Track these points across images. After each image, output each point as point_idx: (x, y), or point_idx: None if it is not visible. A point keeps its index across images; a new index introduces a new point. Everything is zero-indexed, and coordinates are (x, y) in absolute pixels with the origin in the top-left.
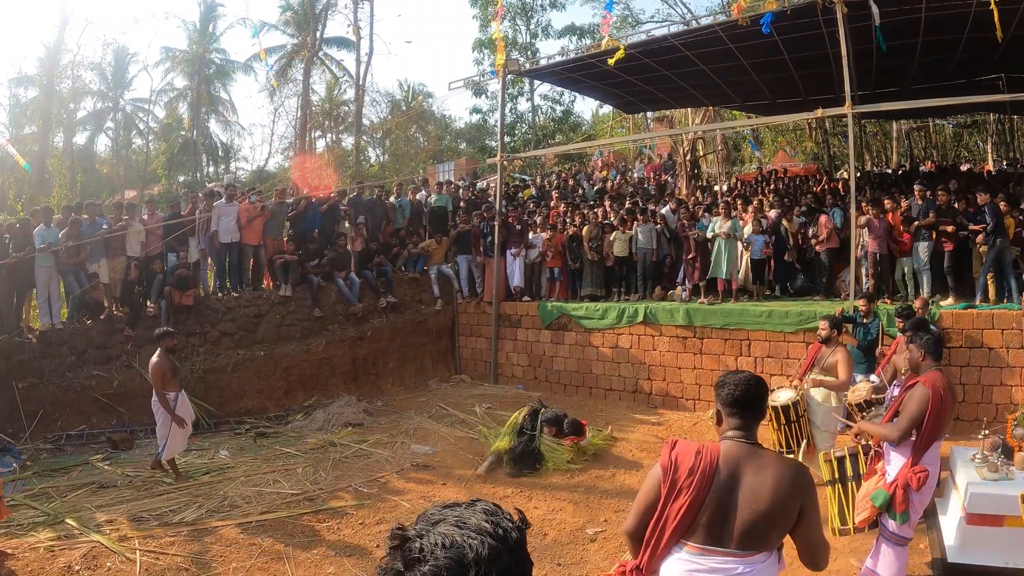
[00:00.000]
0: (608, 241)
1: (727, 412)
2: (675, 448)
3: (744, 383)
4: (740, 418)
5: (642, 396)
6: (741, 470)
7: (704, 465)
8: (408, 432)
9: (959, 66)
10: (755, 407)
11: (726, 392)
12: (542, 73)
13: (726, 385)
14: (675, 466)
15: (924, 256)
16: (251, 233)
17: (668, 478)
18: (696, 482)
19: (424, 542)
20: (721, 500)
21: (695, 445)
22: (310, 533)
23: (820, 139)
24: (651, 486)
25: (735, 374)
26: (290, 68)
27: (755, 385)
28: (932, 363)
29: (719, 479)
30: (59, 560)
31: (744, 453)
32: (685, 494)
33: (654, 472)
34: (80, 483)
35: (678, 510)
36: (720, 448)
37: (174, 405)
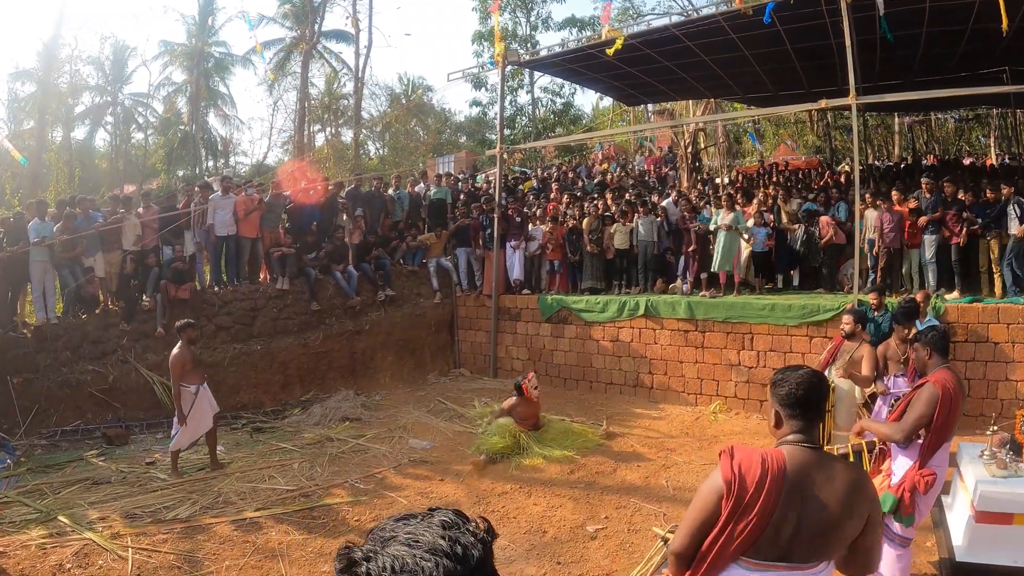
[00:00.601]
0: (608, 233)
1: (788, 414)
2: (736, 457)
3: (807, 380)
4: (803, 419)
5: (643, 390)
6: (810, 480)
7: (772, 477)
8: (406, 427)
9: (963, 59)
10: (819, 407)
11: (786, 391)
12: (542, 64)
13: (785, 383)
14: (739, 479)
15: (931, 250)
16: (248, 226)
17: (732, 493)
18: (765, 497)
19: (372, 566)
20: (789, 513)
21: (757, 453)
22: (305, 530)
23: (822, 132)
24: (710, 502)
25: (794, 370)
26: (289, 61)
27: (818, 383)
28: (940, 360)
29: (787, 491)
30: (51, 558)
31: (811, 461)
32: (752, 511)
33: (713, 486)
34: (74, 479)
35: (744, 528)
36: (785, 455)
37: (195, 398)
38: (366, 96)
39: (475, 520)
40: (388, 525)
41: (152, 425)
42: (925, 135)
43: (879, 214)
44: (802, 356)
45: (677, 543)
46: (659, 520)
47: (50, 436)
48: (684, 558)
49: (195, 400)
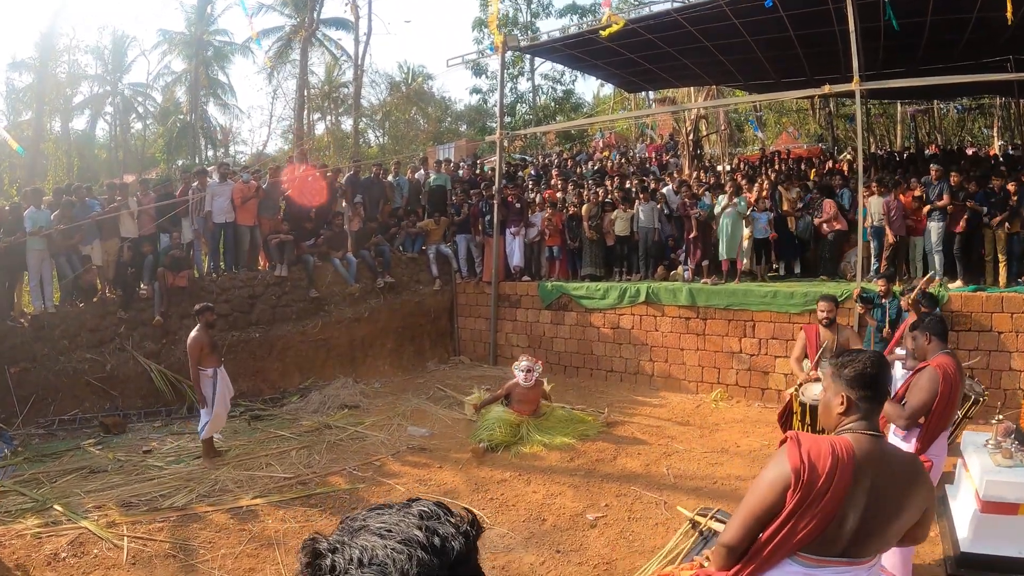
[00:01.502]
0: (609, 220)
1: (859, 396)
2: (804, 445)
3: (877, 360)
4: (872, 402)
5: (644, 378)
6: (875, 471)
7: (843, 466)
8: (405, 414)
9: (967, 47)
10: (886, 389)
11: (853, 371)
12: (542, 50)
13: (855, 362)
14: (809, 468)
15: (936, 237)
16: (245, 213)
17: (801, 483)
18: (835, 487)
19: (338, 557)
20: (854, 507)
21: (824, 441)
22: (302, 518)
23: (824, 121)
24: (775, 493)
25: (858, 352)
26: (288, 50)
27: (886, 364)
28: (940, 346)
29: (856, 481)
30: (46, 547)
31: (876, 450)
32: (821, 502)
33: (779, 474)
34: (71, 468)
35: (809, 522)
36: (852, 444)
37: (214, 380)
38: (366, 84)
39: (459, 512)
40: (361, 515)
41: (149, 414)
42: (928, 125)
43: (884, 201)
44: None
45: (730, 535)
46: (660, 508)
47: (47, 425)
48: (736, 552)
49: (214, 383)
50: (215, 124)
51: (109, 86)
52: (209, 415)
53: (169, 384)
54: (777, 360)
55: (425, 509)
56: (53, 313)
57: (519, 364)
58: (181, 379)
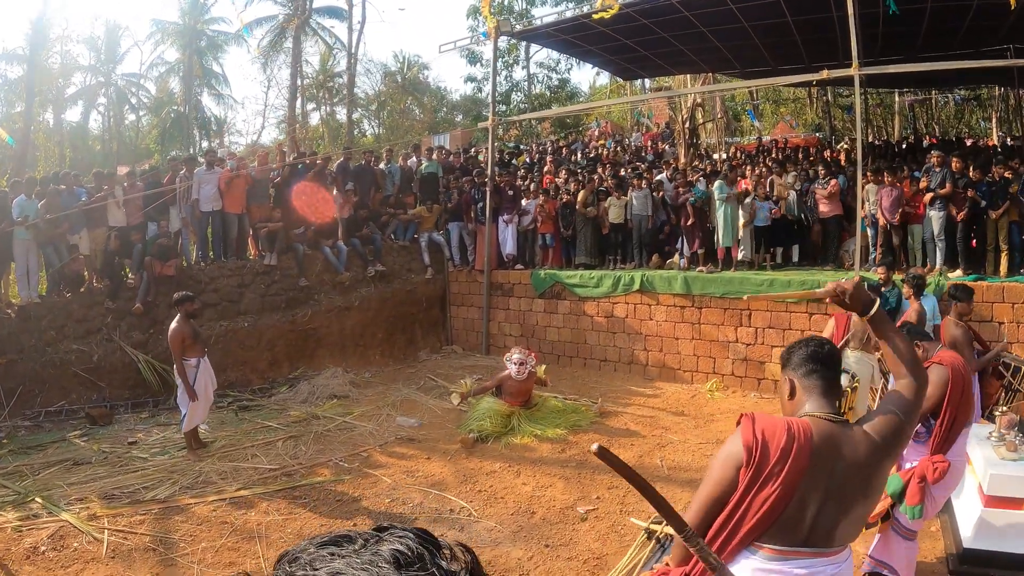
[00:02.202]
0: (603, 207)
1: (807, 372)
2: (757, 423)
3: (819, 341)
4: (823, 379)
5: (638, 367)
6: (837, 454)
7: (799, 445)
8: (394, 404)
9: (968, 34)
10: (837, 372)
11: (800, 353)
12: (536, 35)
13: (798, 346)
14: (762, 446)
15: (937, 226)
16: (234, 201)
17: (753, 461)
18: (790, 467)
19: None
20: (813, 491)
21: (781, 420)
22: (285, 511)
23: (822, 110)
24: (728, 472)
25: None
26: (282, 39)
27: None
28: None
29: (812, 464)
30: (26, 540)
31: (837, 433)
32: (774, 483)
33: (731, 453)
34: (55, 460)
35: (762, 503)
36: (810, 426)
37: (196, 371)
38: (360, 73)
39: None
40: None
41: (136, 405)
42: (926, 116)
43: (881, 189)
44: (801, 333)
45: (689, 518)
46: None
47: (34, 417)
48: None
49: (196, 374)
50: (209, 114)
51: (102, 77)
52: (187, 407)
53: (156, 374)
54: (773, 350)
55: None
56: (40, 303)
57: (511, 356)
58: (168, 369)
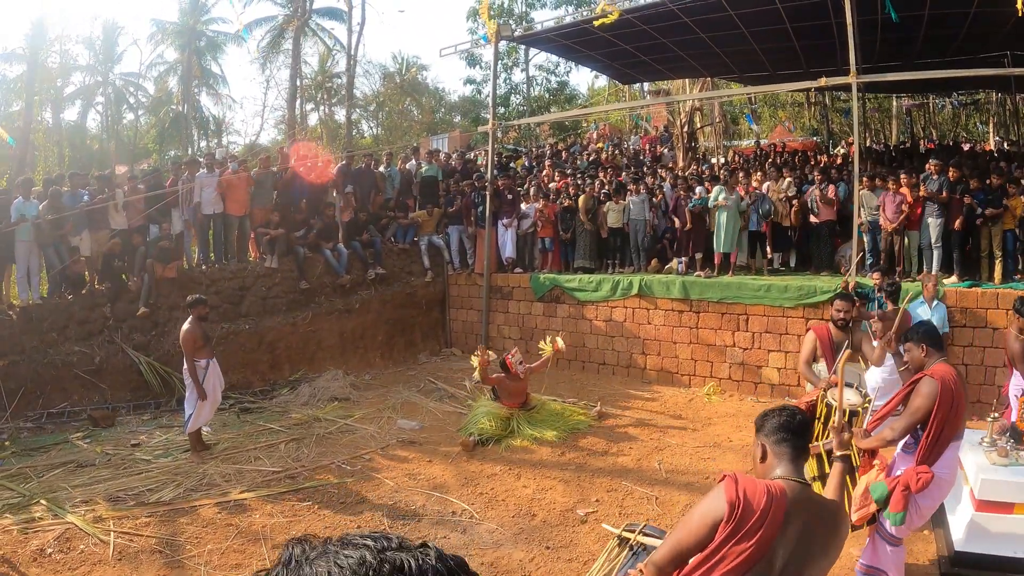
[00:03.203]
0: (602, 212)
1: (777, 440)
2: (740, 482)
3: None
4: (793, 449)
5: (636, 371)
6: (805, 515)
7: (776, 508)
8: (395, 407)
9: (965, 41)
10: (806, 440)
11: (773, 422)
12: (535, 40)
13: (771, 416)
14: (743, 504)
15: (934, 233)
16: (235, 203)
17: (735, 517)
18: (768, 525)
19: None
20: (783, 546)
21: (761, 483)
22: (290, 513)
23: (819, 115)
24: (705, 526)
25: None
26: (281, 39)
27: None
28: (937, 355)
29: (787, 523)
30: (32, 543)
31: (805, 497)
32: (751, 538)
33: (712, 508)
34: (58, 462)
35: (738, 555)
36: (784, 488)
37: (204, 373)
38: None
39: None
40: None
41: (139, 407)
42: (923, 120)
43: (881, 195)
44: (797, 338)
45: (660, 555)
46: (651, 504)
47: (36, 419)
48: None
49: (206, 375)
50: (208, 114)
51: (100, 76)
52: (193, 408)
53: (158, 377)
54: (771, 354)
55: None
56: (41, 305)
57: (515, 357)
58: (170, 371)
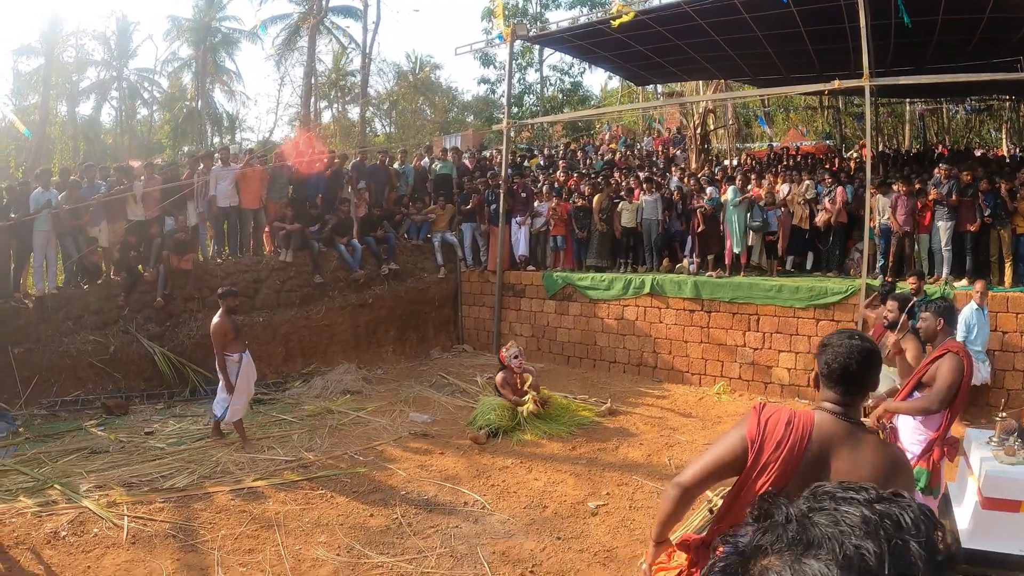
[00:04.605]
0: (616, 212)
1: (823, 382)
2: (763, 413)
3: (845, 355)
4: (839, 392)
5: (647, 370)
6: (835, 450)
7: (795, 440)
8: (407, 400)
9: (979, 46)
10: (859, 382)
11: (824, 359)
12: (550, 40)
13: (827, 348)
14: (763, 436)
15: (944, 236)
16: (250, 196)
17: (755, 448)
18: (783, 458)
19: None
20: (805, 482)
21: (786, 413)
22: (303, 501)
23: (832, 118)
24: (732, 448)
25: (841, 336)
26: (296, 37)
27: (863, 356)
28: (948, 332)
29: (808, 457)
30: (46, 526)
31: (842, 433)
32: (770, 470)
33: (738, 435)
34: (72, 449)
35: (758, 487)
36: (815, 420)
37: (238, 366)
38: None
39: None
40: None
41: (152, 396)
42: (936, 125)
43: (893, 197)
44: (808, 339)
45: (686, 476)
46: None
47: (50, 406)
48: (690, 496)
49: (239, 369)
50: (221, 111)
51: (115, 71)
52: (224, 399)
53: (172, 367)
54: (781, 354)
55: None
56: (57, 294)
57: (509, 351)
58: (184, 362)
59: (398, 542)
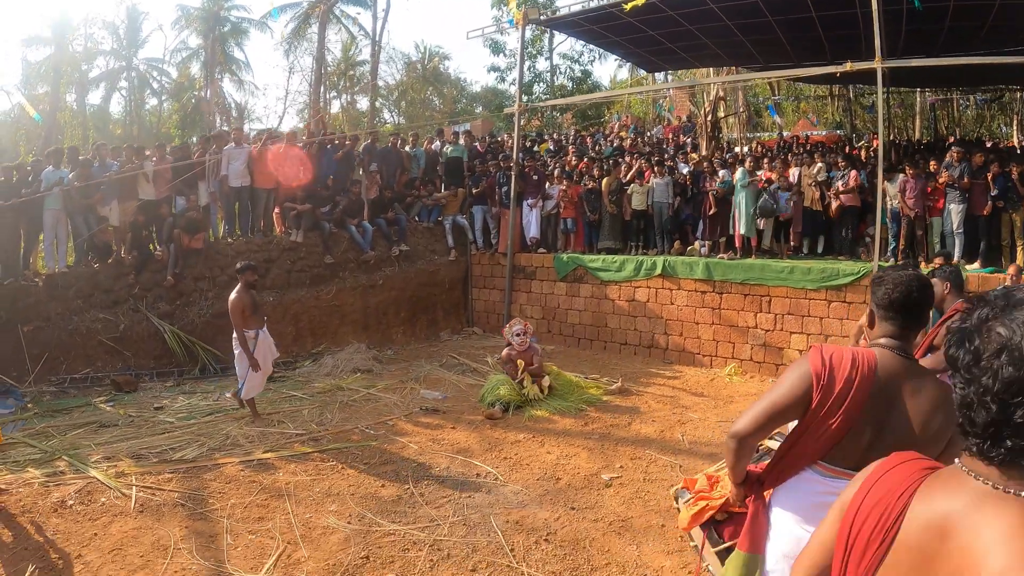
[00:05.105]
0: (626, 194)
1: (882, 315)
2: (825, 351)
3: (906, 283)
4: (897, 325)
5: (658, 351)
6: (899, 388)
7: (862, 376)
8: (418, 379)
9: (990, 33)
10: (917, 313)
11: (883, 292)
12: (562, 24)
13: (884, 283)
14: (830, 373)
15: (956, 219)
16: (263, 177)
17: (820, 386)
18: (854, 395)
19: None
20: (872, 420)
21: (848, 351)
22: (313, 472)
23: (843, 109)
24: (794, 390)
25: (896, 271)
26: (306, 26)
27: (920, 287)
28: (957, 295)
29: (873, 395)
30: (53, 495)
31: (902, 369)
32: (840, 410)
33: (801, 373)
34: (81, 423)
35: (826, 427)
36: (876, 357)
37: (255, 343)
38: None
39: None
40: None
41: (162, 374)
42: (947, 118)
43: (902, 180)
44: (820, 320)
45: (745, 424)
46: (676, 471)
47: (59, 384)
48: (749, 445)
49: (256, 345)
50: (230, 100)
51: (124, 61)
52: (243, 376)
53: (182, 345)
54: (792, 336)
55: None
56: (67, 273)
57: (512, 328)
58: (195, 341)
59: (410, 511)
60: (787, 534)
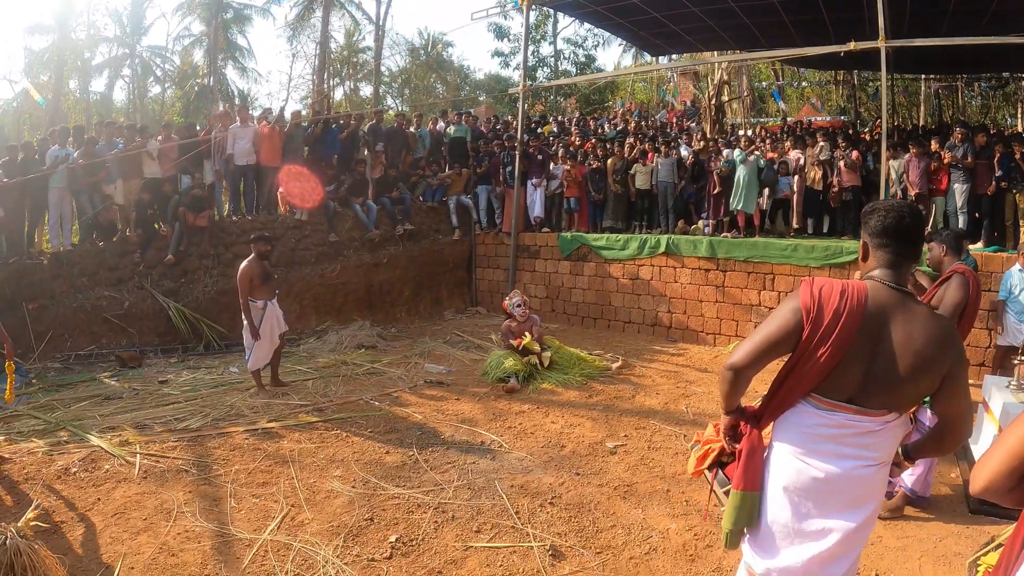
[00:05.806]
0: (631, 174)
1: (875, 244)
2: (815, 285)
3: (898, 209)
4: (891, 253)
5: (661, 329)
6: (889, 319)
7: (851, 308)
8: (422, 354)
9: (993, 18)
10: (910, 241)
11: (876, 219)
12: (566, 5)
13: (876, 211)
14: (819, 306)
15: (960, 199)
16: (269, 155)
17: (809, 319)
18: (842, 327)
19: None
20: (862, 352)
21: (838, 283)
22: (317, 440)
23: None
24: (785, 323)
25: (887, 201)
26: (309, 12)
27: (912, 214)
28: (955, 258)
29: (863, 327)
30: (57, 463)
31: (893, 301)
32: (829, 341)
33: (792, 307)
34: (85, 396)
35: (816, 360)
36: (867, 289)
37: (262, 314)
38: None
39: None
40: None
41: (166, 350)
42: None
43: (905, 159)
44: None
45: (740, 357)
46: (679, 440)
47: (64, 360)
48: (744, 377)
49: (263, 316)
50: (233, 87)
51: (127, 48)
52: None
53: (187, 322)
54: None
55: None
56: (72, 251)
57: (512, 300)
58: (199, 318)
59: (415, 476)
60: (786, 467)
